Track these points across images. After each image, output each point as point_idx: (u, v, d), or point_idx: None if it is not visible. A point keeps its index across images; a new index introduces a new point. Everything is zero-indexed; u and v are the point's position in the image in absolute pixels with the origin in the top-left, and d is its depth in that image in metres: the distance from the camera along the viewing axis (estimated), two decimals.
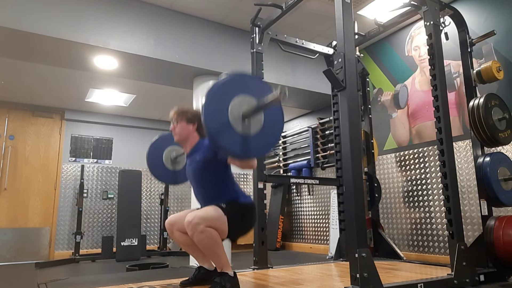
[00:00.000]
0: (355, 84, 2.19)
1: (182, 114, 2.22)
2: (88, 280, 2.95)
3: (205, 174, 2.13)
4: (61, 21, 3.40)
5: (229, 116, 1.78)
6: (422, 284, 2.14)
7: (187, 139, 2.22)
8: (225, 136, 1.76)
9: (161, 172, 2.60)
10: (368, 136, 3.87)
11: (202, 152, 2.13)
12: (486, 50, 3.54)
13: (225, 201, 2.06)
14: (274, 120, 1.93)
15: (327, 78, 2.18)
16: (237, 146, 1.80)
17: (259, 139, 1.86)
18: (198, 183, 2.18)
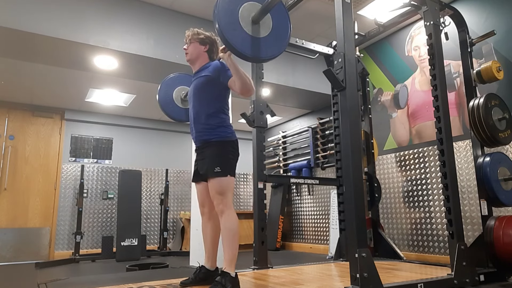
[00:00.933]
0: (355, 84, 2.18)
1: (196, 35, 2.34)
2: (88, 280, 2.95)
3: (205, 89, 2.23)
4: (61, 21, 3.40)
5: (239, 18, 1.91)
6: (422, 284, 2.14)
7: (197, 59, 2.34)
8: (236, 34, 1.88)
9: (172, 109, 2.78)
10: (368, 136, 3.87)
11: (208, 71, 2.25)
12: (486, 50, 3.54)
13: (211, 141, 2.17)
14: (282, 25, 2.05)
15: (327, 78, 2.18)
16: (247, 45, 1.91)
17: (268, 41, 1.98)
18: (195, 101, 2.26)
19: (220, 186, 2.11)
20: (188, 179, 6.71)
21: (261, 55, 1.99)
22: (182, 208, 6.64)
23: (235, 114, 3.61)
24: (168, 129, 6.73)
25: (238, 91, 2.12)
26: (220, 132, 2.20)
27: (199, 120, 2.23)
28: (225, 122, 2.24)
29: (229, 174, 2.14)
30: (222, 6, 1.88)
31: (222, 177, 2.11)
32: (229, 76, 2.16)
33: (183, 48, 2.39)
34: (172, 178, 6.64)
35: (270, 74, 4.33)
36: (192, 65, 2.39)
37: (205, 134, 2.21)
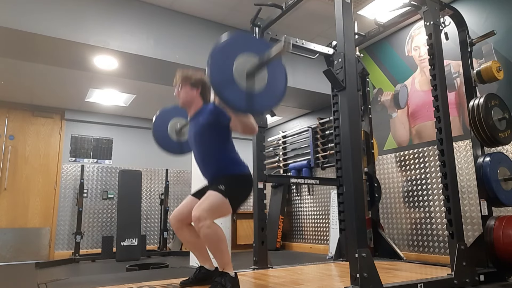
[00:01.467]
0: (355, 84, 2.19)
1: (186, 78, 2.24)
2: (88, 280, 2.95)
3: (206, 137, 2.14)
4: (61, 21, 3.40)
5: (234, 73, 1.81)
6: (422, 284, 2.14)
7: (191, 104, 2.25)
8: (230, 90, 1.79)
9: (167, 143, 2.67)
10: (368, 136, 3.87)
11: (205, 116, 2.15)
12: (486, 50, 3.54)
13: (223, 175, 2.08)
14: (278, 77, 1.96)
15: (327, 78, 2.18)
16: (241, 100, 1.83)
17: (263, 95, 1.90)
18: (198, 146, 2.19)
19: (213, 201, 1.97)
20: (188, 179, 6.71)
21: (255, 108, 1.90)
22: None
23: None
24: None
25: (240, 132, 2.02)
26: (230, 170, 2.12)
27: (205, 165, 2.18)
28: (233, 161, 2.16)
29: (228, 199, 2.00)
30: (215, 62, 1.79)
31: (220, 195, 1.99)
32: (228, 117, 2.07)
33: (174, 94, 2.28)
34: (172, 178, 6.64)
35: None
36: (187, 109, 2.31)
37: (214, 173, 2.15)
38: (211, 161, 2.15)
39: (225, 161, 2.13)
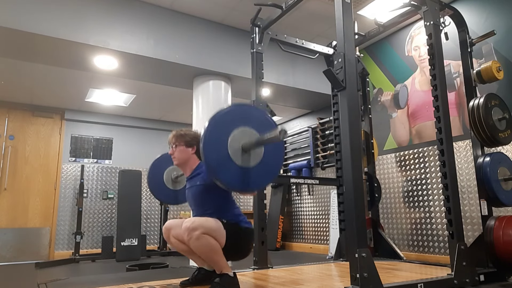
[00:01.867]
0: (355, 84, 2.18)
1: (181, 137, 2.20)
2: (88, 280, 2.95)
3: (205, 198, 2.10)
4: (61, 21, 3.40)
5: (229, 149, 1.78)
6: (422, 284, 2.14)
7: (187, 163, 2.21)
8: (225, 170, 1.76)
9: (162, 193, 2.62)
10: (368, 136, 3.87)
11: (202, 177, 2.11)
12: (486, 50, 3.54)
13: (226, 220, 2.04)
14: (274, 153, 1.93)
15: (327, 78, 2.18)
16: (236, 179, 1.80)
17: (258, 171, 1.86)
18: (198, 207, 2.15)
19: (210, 221, 1.95)
20: None
21: (249, 186, 1.88)
22: (182, 208, 6.64)
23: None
24: (168, 129, 6.72)
25: (239, 192, 2.02)
26: (237, 221, 2.10)
27: None
28: (237, 216, 2.12)
29: (226, 232, 1.98)
30: (209, 140, 1.75)
31: (220, 223, 1.97)
32: None
33: (169, 153, 2.25)
34: None
35: (270, 74, 4.33)
36: (182, 169, 2.28)
37: None
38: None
39: (229, 217, 2.07)
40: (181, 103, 5.63)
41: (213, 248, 1.93)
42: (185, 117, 6.38)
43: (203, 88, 4.34)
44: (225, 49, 4.34)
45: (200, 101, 4.35)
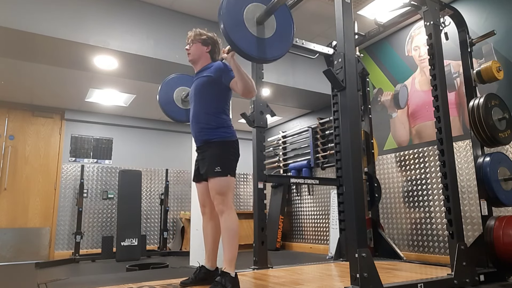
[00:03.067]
0: (355, 84, 2.18)
1: (199, 35, 2.35)
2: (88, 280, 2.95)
3: (206, 90, 2.25)
4: (61, 21, 3.40)
5: (244, 18, 1.95)
6: (422, 284, 2.14)
7: (199, 59, 2.35)
8: (240, 34, 1.91)
9: (173, 109, 2.83)
10: (368, 136, 3.87)
11: (210, 71, 2.26)
12: (486, 50, 3.54)
13: (214, 142, 2.17)
14: (286, 26, 2.10)
15: (327, 78, 2.18)
16: (252, 47, 1.95)
17: (272, 42, 2.02)
18: (197, 101, 2.27)
19: (220, 186, 2.11)
20: (188, 179, 6.71)
21: (266, 55, 2.02)
22: (182, 208, 6.64)
23: (235, 114, 3.61)
24: (168, 129, 6.73)
25: (240, 93, 2.13)
26: (221, 133, 2.20)
27: (200, 120, 2.24)
28: (226, 123, 2.24)
29: (229, 174, 2.14)
30: (226, 8, 1.90)
31: (222, 177, 2.12)
32: (231, 77, 2.17)
33: (185, 48, 2.40)
34: (172, 178, 6.64)
35: (270, 74, 4.33)
36: (194, 65, 2.40)
37: (206, 134, 2.22)
38: (205, 118, 2.22)
39: (216, 120, 2.21)
40: None
41: (236, 232, 2.09)
42: None
43: None
44: None
45: None
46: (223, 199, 2.10)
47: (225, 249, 2.08)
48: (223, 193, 2.11)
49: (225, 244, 2.08)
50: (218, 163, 2.13)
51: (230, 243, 2.07)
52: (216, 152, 2.17)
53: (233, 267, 2.04)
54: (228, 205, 2.11)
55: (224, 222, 2.10)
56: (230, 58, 2.06)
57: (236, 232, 2.08)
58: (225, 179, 2.12)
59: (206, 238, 2.33)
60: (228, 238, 2.08)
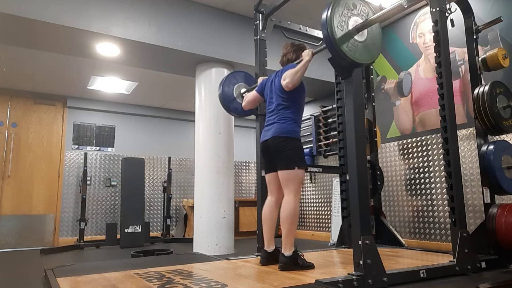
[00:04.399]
0: (360, 71, 2.17)
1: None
2: (94, 266, 3.00)
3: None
4: (63, 7, 3.37)
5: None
6: (424, 271, 2.17)
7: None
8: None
9: (233, 106, 3.22)
10: (371, 124, 3.86)
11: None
12: (492, 37, 3.50)
13: (291, 141, 2.44)
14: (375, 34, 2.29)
15: (332, 65, 2.17)
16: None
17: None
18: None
19: (295, 180, 2.48)
20: (191, 167, 6.73)
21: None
22: (185, 195, 6.69)
23: None
24: (170, 117, 6.73)
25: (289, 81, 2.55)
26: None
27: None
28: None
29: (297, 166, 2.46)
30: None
31: (291, 170, 2.46)
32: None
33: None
34: (175, 166, 6.67)
35: (274, 62, 4.27)
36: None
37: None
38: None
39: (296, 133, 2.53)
40: (183, 90, 5.61)
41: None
42: (187, 105, 6.37)
43: (206, 75, 4.32)
44: (228, 36, 4.30)
45: (203, 88, 4.34)
46: (294, 190, 2.44)
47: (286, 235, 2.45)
48: (295, 186, 2.44)
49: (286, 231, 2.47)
50: (289, 155, 2.51)
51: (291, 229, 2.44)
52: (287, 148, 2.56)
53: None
54: (296, 195, 2.44)
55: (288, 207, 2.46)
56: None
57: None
58: (296, 175, 2.45)
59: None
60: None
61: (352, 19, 2.10)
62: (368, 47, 2.12)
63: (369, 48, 2.13)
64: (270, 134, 2.48)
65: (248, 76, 3.38)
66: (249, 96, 2.83)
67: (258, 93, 2.76)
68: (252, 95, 2.81)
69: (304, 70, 2.40)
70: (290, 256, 2.32)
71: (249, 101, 2.81)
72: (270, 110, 2.58)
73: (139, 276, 2.23)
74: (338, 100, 3.84)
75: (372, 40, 2.16)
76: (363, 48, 2.10)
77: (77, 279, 2.22)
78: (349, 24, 2.07)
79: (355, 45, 2.07)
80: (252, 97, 2.80)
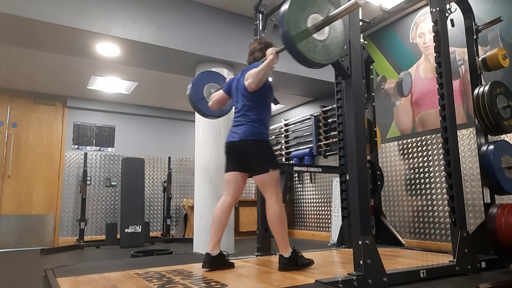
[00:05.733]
0: (360, 71, 2.17)
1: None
2: (94, 266, 2.99)
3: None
4: (63, 7, 3.36)
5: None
6: (424, 271, 2.17)
7: None
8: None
9: (204, 106, 3.06)
10: (371, 124, 3.86)
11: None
12: (492, 37, 3.50)
13: (260, 143, 2.38)
14: (338, 32, 2.21)
15: (332, 65, 2.17)
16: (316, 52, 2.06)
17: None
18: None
19: (271, 181, 2.51)
20: (191, 167, 6.73)
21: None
22: (185, 195, 6.69)
23: None
24: (170, 117, 6.73)
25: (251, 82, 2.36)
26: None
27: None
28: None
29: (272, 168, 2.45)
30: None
31: (265, 173, 2.44)
32: None
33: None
34: (175, 166, 6.67)
35: None
36: None
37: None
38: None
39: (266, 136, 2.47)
40: (183, 90, 5.55)
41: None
42: (187, 105, 6.31)
43: None
44: (228, 36, 4.30)
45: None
46: (278, 195, 2.54)
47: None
48: (274, 187, 2.50)
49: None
50: (262, 158, 2.48)
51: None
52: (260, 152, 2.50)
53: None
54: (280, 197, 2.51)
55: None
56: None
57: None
58: (272, 177, 2.46)
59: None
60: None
61: (312, 17, 1.97)
62: (328, 47, 2.00)
63: (329, 49, 2.01)
64: (238, 137, 2.37)
65: (220, 76, 3.26)
66: (215, 96, 2.70)
67: (225, 93, 2.64)
68: (219, 94, 2.68)
69: (267, 70, 2.24)
70: (289, 257, 2.28)
71: (216, 101, 2.68)
72: (237, 110, 2.47)
73: (139, 276, 2.23)
74: (338, 100, 3.84)
75: (334, 40, 2.04)
76: (323, 48, 1.98)
77: (77, 279, 2.22)
78: (308, 22, 1.95)
79: (315, 44, 1.95)
80: (219, 96, 2.67)
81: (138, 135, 6.47)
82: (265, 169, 2.33)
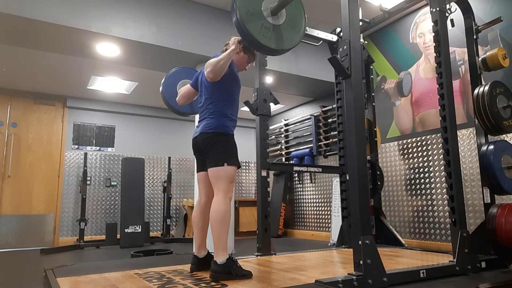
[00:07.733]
0: (360, 72, 2.17)
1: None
2: (94, 266, 2.99)
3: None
4: (63, 7, 3.36)
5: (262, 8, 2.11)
6: (424, 271, 2.17)
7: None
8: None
9: (175, 103, 2.84)
10: (371, 124, 3.86)
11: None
12: (492, 37, 3.50)
13: (219, 136, 2.26)
14: (297, 16, 2.27)
15: (332, 65, 2.17)
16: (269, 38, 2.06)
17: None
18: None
19: (223, 177, 2.27)
20: (191, 167, 6.74)
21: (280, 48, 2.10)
22: (185, 195, 6.69)
23: (239, 102, 3.60)
24: (170, 117, 6.72)
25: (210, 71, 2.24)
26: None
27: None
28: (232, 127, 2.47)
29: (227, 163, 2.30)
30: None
31: (219, 167, 2.26)
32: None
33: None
34: (174, 166, 6.67)
35: (273, 62, 4.30)
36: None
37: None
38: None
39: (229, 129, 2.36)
40: None
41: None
42: None
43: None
44: (227, 36, 4.26)
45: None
46: (223, 189, 2.25)
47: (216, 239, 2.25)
48: (224, 183, 2.24)
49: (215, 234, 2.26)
50: (217, 152, 2.31)
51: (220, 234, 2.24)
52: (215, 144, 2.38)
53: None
54: (226, 194, 2.24)
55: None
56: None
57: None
58: (226, 173, 2.26)
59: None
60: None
61: (266, 0, 1.91)
62: (286, 32, 1.93)
63: (287, 34, 1.93)
64: (199, 131, 2.30)
65: (195, 72, 3.11)
66: (182, 90, 2.59)
67: (192, 87, 2.53)
68: (186, 88, 2.57)
69: (227, 59, 2.13)
70: (222, 264, 2.06)
71: (183, 96, 2.57)
72: (200, 105, 2.39)
73: (139, 276, 2.23)
74: (338, 100, 3.84)
75: (292, 23, 1.97)
76: (279, 33, 1.90)
77: (77, 279, 2.22)
78: (262, 5, 1.89)
79: (270, 29, 1.87)
80: (185, 90, 2.56)
81: (138, 135, 6.47)
82: (220, 162, 2.19)
